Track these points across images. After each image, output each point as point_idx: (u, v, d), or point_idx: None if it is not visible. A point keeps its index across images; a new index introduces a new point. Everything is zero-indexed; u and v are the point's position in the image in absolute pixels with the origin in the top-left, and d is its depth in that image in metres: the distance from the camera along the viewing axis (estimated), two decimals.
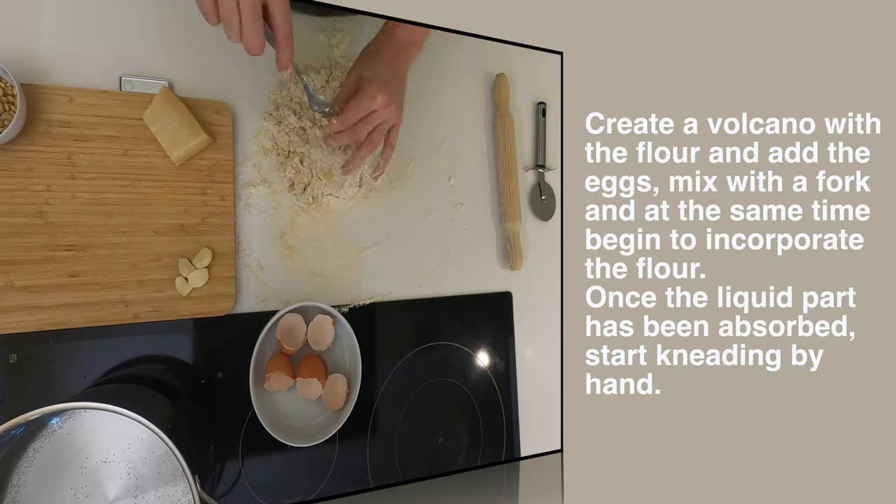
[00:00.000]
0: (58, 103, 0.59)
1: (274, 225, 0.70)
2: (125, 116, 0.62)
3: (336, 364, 0.70)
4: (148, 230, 0.63)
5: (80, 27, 0.62)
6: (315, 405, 0.67)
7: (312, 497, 0.69)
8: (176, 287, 0.63)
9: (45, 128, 0.59)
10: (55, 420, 0.53)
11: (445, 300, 0.80)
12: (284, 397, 0.67)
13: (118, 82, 0.63)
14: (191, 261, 0.64)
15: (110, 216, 0.61)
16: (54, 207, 0.59)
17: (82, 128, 0.60)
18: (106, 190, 0.61)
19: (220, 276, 0.65)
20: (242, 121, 0.69)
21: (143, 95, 0.63)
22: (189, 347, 0.65)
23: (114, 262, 0.61)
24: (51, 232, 0.59)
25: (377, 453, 0.73)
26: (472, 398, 0.80)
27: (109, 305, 0.61)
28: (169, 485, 0.55)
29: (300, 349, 0.67)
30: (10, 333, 0.57)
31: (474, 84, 0.86)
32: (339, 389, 0.67)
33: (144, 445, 0.55)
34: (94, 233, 0.61)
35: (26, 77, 0.59)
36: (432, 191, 0.81)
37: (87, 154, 0.61)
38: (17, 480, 0.52)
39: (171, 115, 0.62)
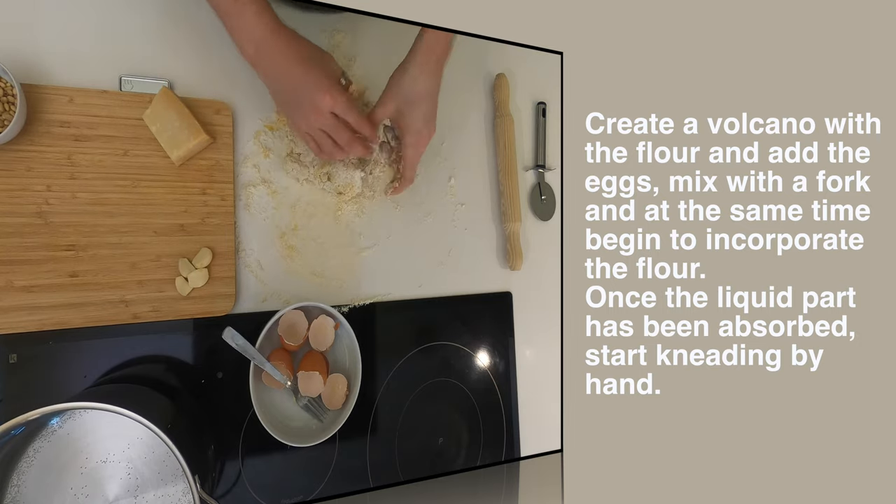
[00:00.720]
0: (58, 103, 0.59)
1: (274, 225, 0.70)
2: (125, 116, 0.62)
3: (336, 364, 0.70)
4: (148, 230, 0.63)
5: (80, 27, 0.62)
6: (315, 405, 0.67)
7: (312, 497, 0.69)
8: (176, 287, 0.63)
9: (45, 128, 0.59)
10: (55, 420, 0.53)
11: (445, 300, 0.80)
12: (284, 397, 0.67)
13: (118, 82, 0.63)
14: (191, 261, 0.64)
15: (110, 216, 0.61)
16: (54, 207, 0.59)
17: (82, 128, 0.60)
18: (106, 190, 0.61)
19: (220, 276, 0.65)
20: (242, 121, 0.69)
21: (143, 95, 0.63)
22: (189, 347, 0.65)
23: (114, 262, 0.61)
24: (51, 232, 0.59)
25: (377, 453, 0.73)
26: (472, 398, 0.80)
27: (109, 305, 0.61)
28: (169, 485, 0.55)
29: (301, 345, 0.67)
30: (10, 333, 0.57)
31: (474, 84, 0.86)
32: (339, 389, 0.67)
33: (144, 445, 0.55)
34: (94, 233, 0.61)
35: (26, 77, 0.59)
36: (432, 191, 0.81)
37: (87, 154, 0.61)
38: (17, 480, 0.53)
39: (171, 115, 0.62)
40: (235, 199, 0.67)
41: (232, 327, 0.62)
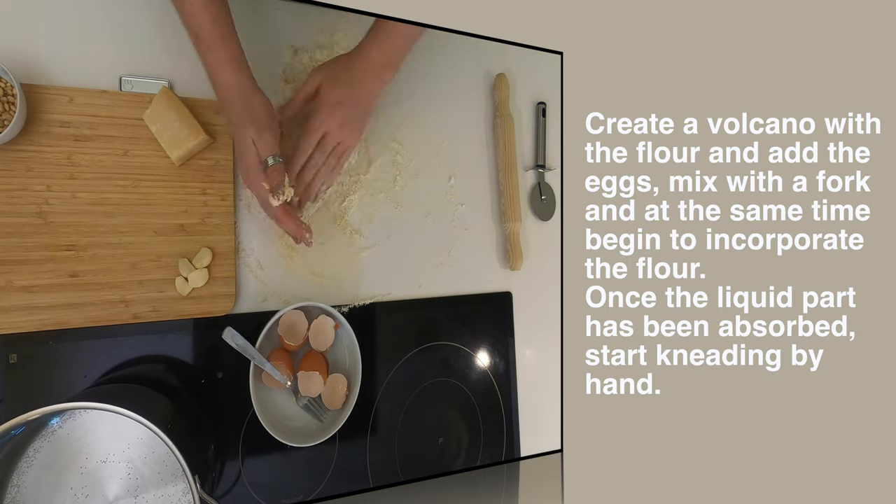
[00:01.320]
0: (58, 103, 0.59)
1: (274, 225, 0.70)
2: (125, 116, 0.62)
3: (336, 364, 0.70)
4: (148, 230, 0.63)
5: (80, 27, 0.62)
6: (315, 405, 0.67)
7: (312, 497, 0.69)
8: (176, 287, 0.63)
9: (45, 128, 0.59)
10: (55, 420, 0.53)
11: (445, 300, 0.80)
12: (284, 397, 0.67)
13: (118, 82, 0.63)
14: (191, 261, 0.64)
15: (110, 216, 0.61)
16: (54, 207, 0.59)
17: (82, 128, 0.60)
18: (106, 190, 0.61)
19: (220, 276, 0.65)
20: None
21: (143, 95, 0.63)
22: (189, 347, 0.65)
23: (114, 262, 0.61)
24: (51, 232, 0.59)
25: (377, 453, 0.73)
26: (472, 398, 0.80)
27: (109, 305, 0.61)
28: (169, 485, 0.55)
29: (301, 346, 0.67)
30: (10, 333, 0.57)
31: (474, 84, 0.86)
32: (338, 389, 0.67)
33: (144, 445, 0.55)
34: (95, 233, 0.61)
35: (26, 77, 0.59)
36: (432, 191, 0.81)
37: (87, 154, 0.61)
38: (17, 480, 0.52)
39: (171, 115, 0.62)
40: (235, 199, 0.67)
41: (232, 327, 0.62)
